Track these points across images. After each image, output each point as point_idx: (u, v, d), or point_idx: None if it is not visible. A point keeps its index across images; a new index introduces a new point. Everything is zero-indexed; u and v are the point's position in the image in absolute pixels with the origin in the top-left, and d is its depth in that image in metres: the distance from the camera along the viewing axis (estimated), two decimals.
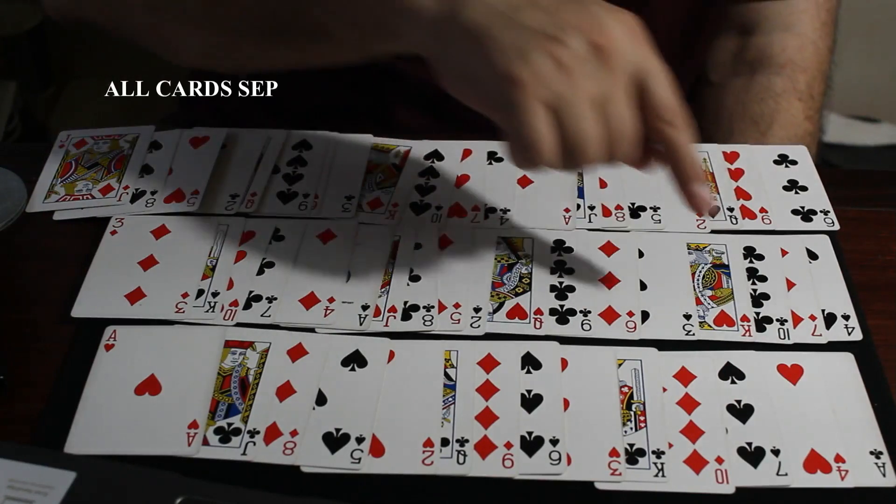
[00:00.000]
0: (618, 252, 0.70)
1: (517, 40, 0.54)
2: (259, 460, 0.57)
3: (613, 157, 0.58)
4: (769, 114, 0.87)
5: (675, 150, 0.59)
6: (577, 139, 0.56)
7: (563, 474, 0.57)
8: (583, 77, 0.54)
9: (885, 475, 0.57)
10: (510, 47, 0.54)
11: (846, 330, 0.65)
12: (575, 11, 0.55)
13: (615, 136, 0.57)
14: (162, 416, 0.59)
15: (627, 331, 0.64)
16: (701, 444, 0.58)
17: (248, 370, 0.62)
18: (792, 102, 0.88)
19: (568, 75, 0.54)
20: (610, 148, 0.57)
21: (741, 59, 0.91)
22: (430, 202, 0.73)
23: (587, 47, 0.54)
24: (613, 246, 0.70)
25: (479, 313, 0.65)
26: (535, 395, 0.60)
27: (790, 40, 0.89)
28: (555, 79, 0.54)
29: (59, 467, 0.49)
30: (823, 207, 0.73)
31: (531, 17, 0.55)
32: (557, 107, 0.55)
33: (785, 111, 0.88)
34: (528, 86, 0.54)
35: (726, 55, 0.91)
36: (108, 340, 0.63)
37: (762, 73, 0.89)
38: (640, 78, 0.56)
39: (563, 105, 0.55)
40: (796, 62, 0.89)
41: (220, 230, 0.71)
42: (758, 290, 0.67)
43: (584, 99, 0.55)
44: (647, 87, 0.56)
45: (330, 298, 0.66)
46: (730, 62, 0.91)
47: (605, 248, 0.70)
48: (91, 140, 0.79)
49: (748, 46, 0.90)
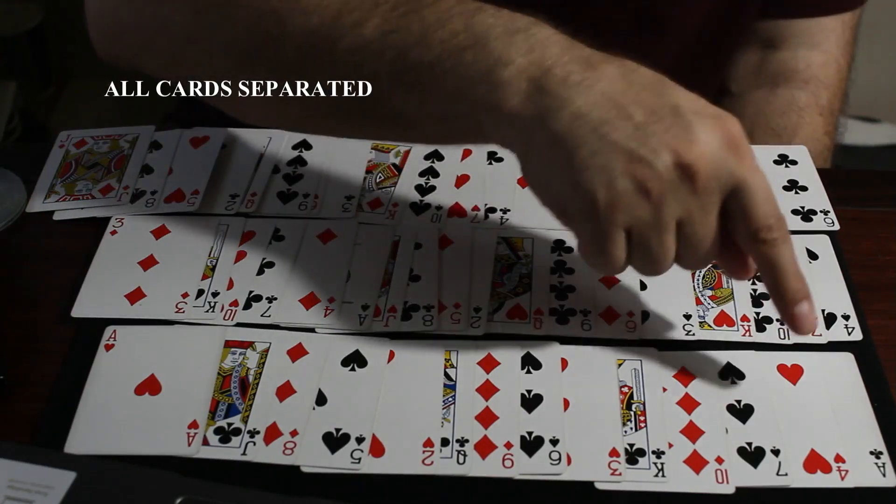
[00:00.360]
0: None
1: (602, 159, 0.51)
2: (259, 460, 0.57)
3: (688, 269, 0.56)
4: (792, 127, 0.88)
5: (771, 268, 0.55)
6: (650, 259, 0.54)
7: (563, 474, 0.57)
8: (666, 201, 0.52)
9: (885, 475, 0.57)
10: (594, 166, 0.51)
11: (846, 330, 0.65)
12: (667, 125, 0.52)
13: (691, 254, 0.55)
14: (162, 416, 0.59)
15: (627, 331, 0.64)
16: (701, 444, 0.58)
17: (248, 370, 0.62)
18: (814, 117, 0.89)
19: (650, 200, 0.52)
20: (685, 263, 0.56)
21: (764, 72, 0.91)
22: (430, 202, 0.73)
23: (674, 168, 0.51)
24: None
25: (479, 313, 0.65)
26: (535, 395, 0.60)
27: (815, 57, 0.90)
28: (636, 204, 0.52)
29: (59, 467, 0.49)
30: (823, 207, 0.73)
31: (619, 132, 0.51)
32: (636, 230, 0.53)
33: (808, 125, 0.88)
34: (608, 209, 0.52)
35: (748, 67, 0.92)
36: (108, 340, 0.63)
37: (786, 87, 0.90)
38: (732, 193, 0.53)
39: (641, 229, 0.53)
40: (820, 78, 0.90)
41: (220, 230, 0.71)
42: (758, 290, 0.67)
43: (664, 224, 0.53)
44: (741, 203, 0.53)
45: (330, 298, 0.66)
46: (752, 74, 0.91)
47: None
48: (91, 140, 0.79)
49: (772, 60, 0.91)
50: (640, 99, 0.52)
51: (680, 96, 0.53)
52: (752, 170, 0.53)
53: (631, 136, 0.51)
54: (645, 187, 0.51)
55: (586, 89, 0.52)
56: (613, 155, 0.51)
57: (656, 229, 0.53)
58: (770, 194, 0.54)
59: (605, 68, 0.53)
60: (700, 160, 0.51)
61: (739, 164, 0.53)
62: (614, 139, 0.51)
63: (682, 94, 0.53)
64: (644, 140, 0.51)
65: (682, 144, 0.51)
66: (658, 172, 0.51)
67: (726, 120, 0.53)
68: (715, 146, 0.52)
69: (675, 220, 0.53)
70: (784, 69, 0.90)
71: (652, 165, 0.51)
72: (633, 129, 0.51)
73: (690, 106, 0.53)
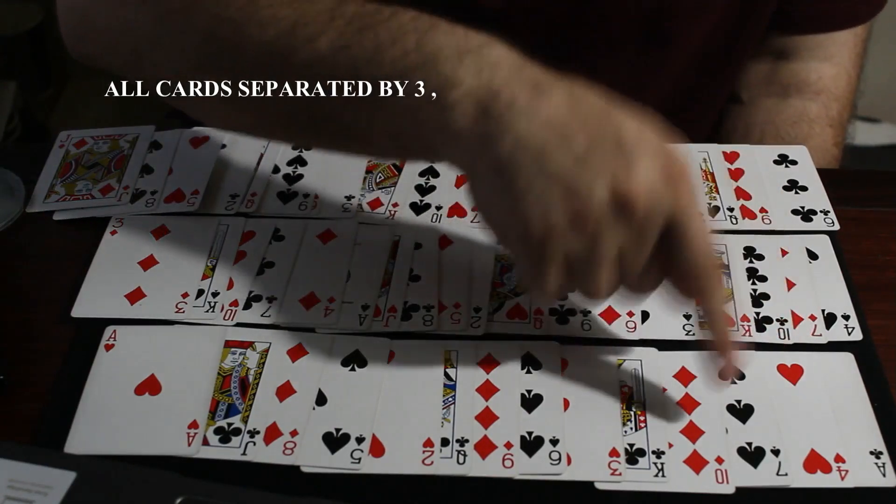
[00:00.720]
0: None
1: (538, 189, 0.50)
2: (259, 460, 0.57)
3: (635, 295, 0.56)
4: (802, 138, 0.88)
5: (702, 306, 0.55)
6: (588, 289, 0.54)
7: (563, 474, 0.57)
8: (602, 234, 0.51)
9: (885, 475, 0.57)
10: (531, 196, 0.50)
11: (846, 330, 0.65)
12: (607, 156, 0.51)
13: (631, 284, 0.55)
14: (162, 416, 0.59)
15: (627, 331, 0.64)
16: (701, 444, 0.58)
17: (248, 370, 0.62)
18: (824, 129, 0.89)
19: (585, 233, 0.51)
20: (629, 290, 0.55)
21: (775, 82, 0.91)
22: (430, 202, 0.73)
23: (610, 201, 0.50)
24: None
25: (479, 313, 0.65)
26: (535, 395, 0.60)
27: (827, 69, 0.90)
28: (571, 236, 0.51)
29: (59, 467, 0.49)
30: (823, 207, 0.73)
31: (558, 162, 0.50)
32: (571, 261, 0.52)
33: (818, 136, 0.88)
34: (542, 240, 0.51)
35: (759, 76, 0.92)
36: (108, 340, 0.63)
37: (797, 98, 0.90)
38: (669, 228, 0.52)
39: (577, 261, 0.52)
40: (831, 90, 0.90)
41: (220, 230, 0.71)
42: (758, 290, 0.67)
43: (600, 256, 0.52)
44: (676, 240, 0.52)
45: (330, 298, 0.66)
46: (763, 83, 0.92)
47: None
48: (91, 140, 0.79)
49: (783, 70, 0.91)
50: (585, 127, 0.51)
51: (625, 125, 0.52)
52: (691, 206, 0.52)
53: (569, 167, 0.50)
54: (580, 220, 0.51)
55: (531, 115, 0.51)
56: (550, 186, 0.50)
57: (592, 261, 0.52)
58: (706, 232, 0.53)
59: (553, 93, 0.52)
60: (637, 193, 0.50)
61: (679, 199, 0.52)
62: (552, 170, 0.50)
63: (629, 123, 0.52)
64: (582, 172, 0.50)
65: (621, 177, 0.50)
66: (593, 205, 0.50)
67: (670, 151, 0.52)
68: (654, 179, 0.51)
69: (612, 252, 0.52)
70: (796, 80, 0.90)
71: (588, 198, 0.50)
72: (572, 159, 0.50)
73: (634, 136, 0.51)
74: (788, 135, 0.88)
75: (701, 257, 0.53)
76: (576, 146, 0.51)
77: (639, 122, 0.52)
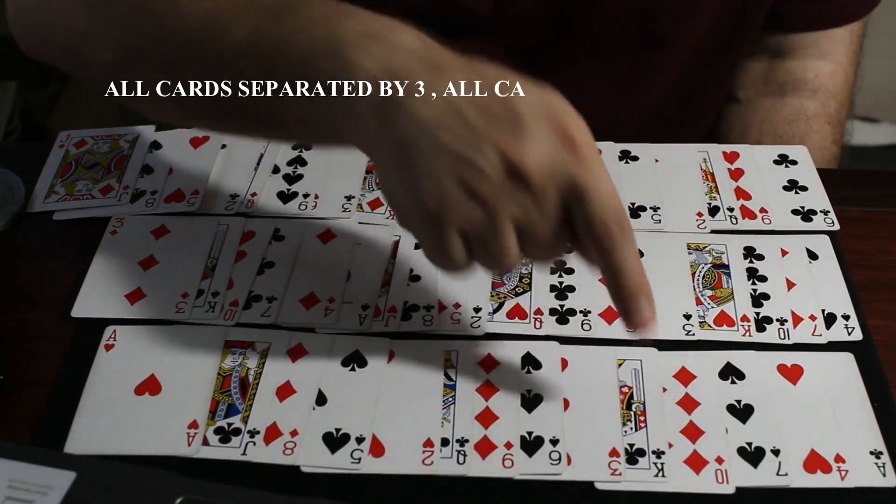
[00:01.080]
0: None
1: (432, 163, 0.51)
2: (259, 460, 0.57)
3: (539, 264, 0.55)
4: (800, 136, 0.88)
5: (609, 270, 0.54)
6: (491, 259, 0.54)
7: (563, 474, 0.57)
8: (498, 205, 0.51)
9: (885, 475, 0.57)
10: (425, 171, 0.51)
11: (846, 330, 0.65)
12: (501, 127, 0.51)
13: (535, 253, 0.54)
14: (162, 416, 0.59)
15: (627, 331, 0.64)
16: (701, 444, 0.58)
17: (248, 370, 0.62)
18: (823, 126, 0.89)
19: (481, 204, 0.51)
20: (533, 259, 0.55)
21: (772, 81, 0.91)
22: None
23: (504, 171, 0.50)
24: None
25: (479, 313, 0.65)
26: (535, 395, 0.60)
27: (824, 67, 0.90)
28: (467, 208, 0.51)
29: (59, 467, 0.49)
30: (823, 207, 0.73)
31: (451, 136, 0.51)
32: (471, 233, 0.52)
33: (816, 134, 0.88)
34: (438, 214, 0.51)
35: (756, 75, 0.92)
36: (108, 340, 0.63)
37: (794, 96, 0.90)
38: (571, 194, 0.52)
39: (477, 232, 0.52)
40: (828, 88, 0.90)
41: (220, 230, 0.71)
42: (758, 290, 0.67)
43: (498, 227, 0.52)
44: (579, 205, 0.52)
45: (330, 298, 0.66)
46: (759, 82, 0.92)
47: None
48: (91, 140, 0.79)
49: (780, 69, 0.91)
50: (482, 102, 0.51)
51: (522, 98, 0.52)
52: (591, 170, 0.52)
53: (462, 141, 0.51)
54: (474, 191, 0.51)
55: (429, 95, 0.51)
56: (443, 159, 0.51)
57: (491, 232, 0.52)
58: (610, 194, 0.52)
59: (453, 73, 0.52)
60: (531, 162, 0.50)
61: (577, 164, 0.51)
62: (445, 142, 0.51)
63: (526, 96, 0.52)
64: (475, 144, 0.50)
65: (513, 146, 0.50)
66: (487, 176, 0.51)
67: (567, 119, 0.52)
68: (549, 148, 0.51)
69: (511, 222, 0.52)
70: (792, 78, 0.90)
71: (481, 169, 0.50)
72: (465, 132, 0.51)
73: (530, 107, 0.51)
74: (786, 133, 0.88)
75: (604, 218, 0.52)
76: (470, 120, 0.51)
77: (538, 94, 0.52)
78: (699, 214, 0.72)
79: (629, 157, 0.77)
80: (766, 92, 0.91)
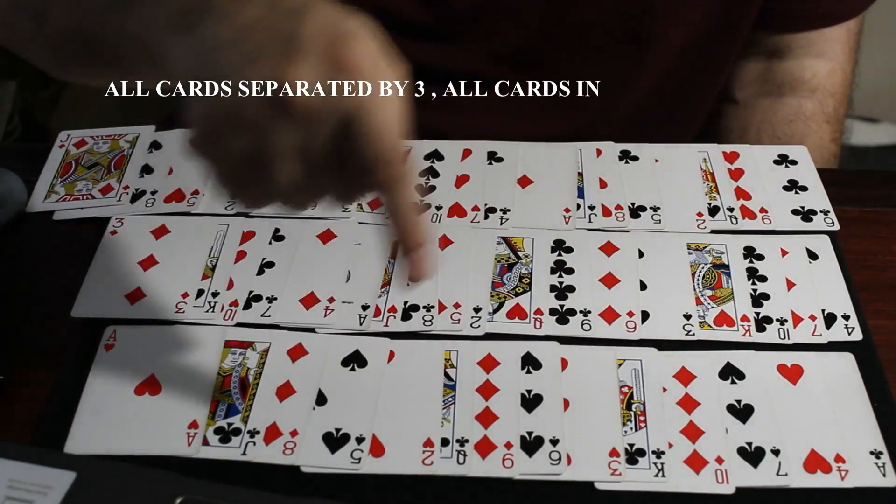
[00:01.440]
0: (618, 252, 0.69)
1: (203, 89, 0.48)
2: (259, 460, 0.57)
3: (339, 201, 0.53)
4: (799, 136, 0.88)
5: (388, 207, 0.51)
6: (273, 193, 0.51)
7: (563, 474, 0.57)
8: (264, 133, 0.48)
9: (885, 475, 0.57)
10: (196, 98, 0.48)
11: (846, 330, 0.65)
12: (276, 54, 0.48)
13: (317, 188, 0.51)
14: (162, 416, 0.59)
15: (627, 331, 0.64)
16: (701, 444, 0.58)
17: (248, 370, 0.62)
18: (821, 125, 0.89)
19: (246, 132, 0.48)
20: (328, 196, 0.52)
21: (769, 81, 0.91)
22: (430, 202, 0.73)
23: (267, 99, 0.47)
24: (613, 246, 0.70)
25: (479, 313, 0.65)
26: (535, 395, 0.60)
27: (821, 66, 0.90)
28: (233, 136, 0.48)
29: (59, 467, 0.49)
30: (823, 207, 0.73)
31: (225, 59, 0.48)
32: (245, 164, 0.50)
33: (815, 133, 0.88)
34: (203, 141, 0.49)
35: (753, 76, 0.92)
36: (108, 340, 0.63)
37: (792, 96, 0.90)
38: (344, 125, 0.48)
39: (249, 162, 0.49)
40: (826, 87, 0.90)
41: (220, 230, 0.71)
42: (758, 290, 0.67)
43: (267, 156, 0.49)
44: (351, 136, 0.48)
45: (330, 298, 0.66)
46: (757, 83, 0.91)
47: (605, 248, 0.70)
48: (91, 140, 0.79)
49: (777, 69, 0.91)
50: (267, 27, 0.49)
51: (307, 24, 0.48)
52: (366, 102, 0.48)
53: (233, 67, 0.48)
54: (238, 119, 0.48)
55: (223, 18, 0.49)
56: (212, 84, 0.48)
57: (261, 162, 0.49)
58: (386, 126, 0.48)
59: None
60: (295, 87, 0.47)
61: (350, 92, 0.48)
62: (218, 66, 0.48)
63: (316, 22, 0.48)
64: (243, 70, 0.48)
65: (279, 73, 0.47)
66: (249, 103, 0.47)
67: (348, 46, 0.48)
68: (317, 75, 0.47)
69: (283, 152, 0.49)
70: (790, 78, 0.90)
71: (244, 95, 0.47)
72: (238, 58, 0.48)
73: (309, 34, 0.48)
74: (785, 133, 0.88)
75: (376, 150, 0.49)
76: (248, 45, 0.48)
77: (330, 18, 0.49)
78: (699, 214, 0.72)
79: (629, 157, 0.77)
80: (764, 92, 0.91)
